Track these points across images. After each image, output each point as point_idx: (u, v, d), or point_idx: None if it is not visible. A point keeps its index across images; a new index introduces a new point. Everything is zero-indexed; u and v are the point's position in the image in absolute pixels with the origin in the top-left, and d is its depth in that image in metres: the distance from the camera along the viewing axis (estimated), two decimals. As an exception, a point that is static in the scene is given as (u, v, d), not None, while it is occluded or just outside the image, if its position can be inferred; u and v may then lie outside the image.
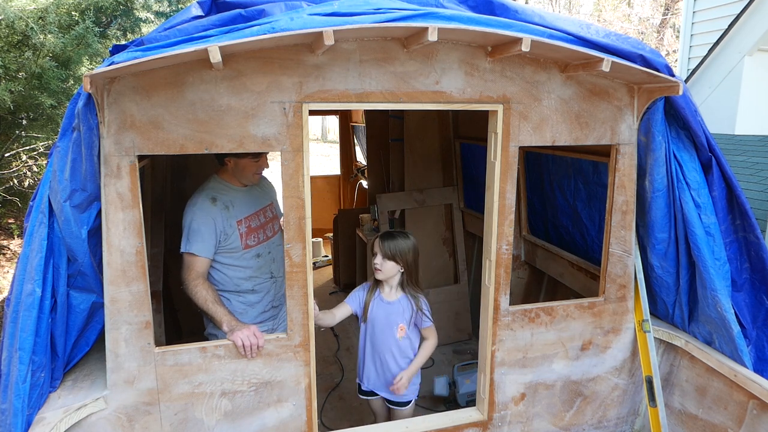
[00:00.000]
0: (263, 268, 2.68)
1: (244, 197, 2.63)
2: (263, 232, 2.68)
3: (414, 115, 4.58)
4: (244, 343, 2.19)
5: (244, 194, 2.63)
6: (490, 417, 2.64)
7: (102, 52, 5.80)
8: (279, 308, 2.83)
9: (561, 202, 3.62)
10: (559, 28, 2.22)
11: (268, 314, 2.76)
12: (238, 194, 2.61)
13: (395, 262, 2.64)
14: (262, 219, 2.69)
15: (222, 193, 2.55)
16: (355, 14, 1.94)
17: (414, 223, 4.68)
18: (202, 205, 2.49)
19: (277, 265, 2.73)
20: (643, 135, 2.52)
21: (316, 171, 9.81)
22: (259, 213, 2.68)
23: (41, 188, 2.03)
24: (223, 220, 2.50)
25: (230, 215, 2.53)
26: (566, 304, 2.65)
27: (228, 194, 2.57)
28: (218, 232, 2.49)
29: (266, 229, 2.70)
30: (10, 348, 1.96)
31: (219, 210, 2.49)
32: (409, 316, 2.69)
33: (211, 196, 2.52)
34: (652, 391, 2.65)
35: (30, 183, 6.57)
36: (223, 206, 2.52)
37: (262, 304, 2.72)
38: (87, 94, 1.82)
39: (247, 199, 2.64)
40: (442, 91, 2.23)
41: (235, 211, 2.56)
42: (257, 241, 2.64)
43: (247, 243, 2.59)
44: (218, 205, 2.50)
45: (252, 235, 2.62)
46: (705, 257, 2.46)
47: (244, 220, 2.59)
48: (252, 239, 2.62)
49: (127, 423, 2.16)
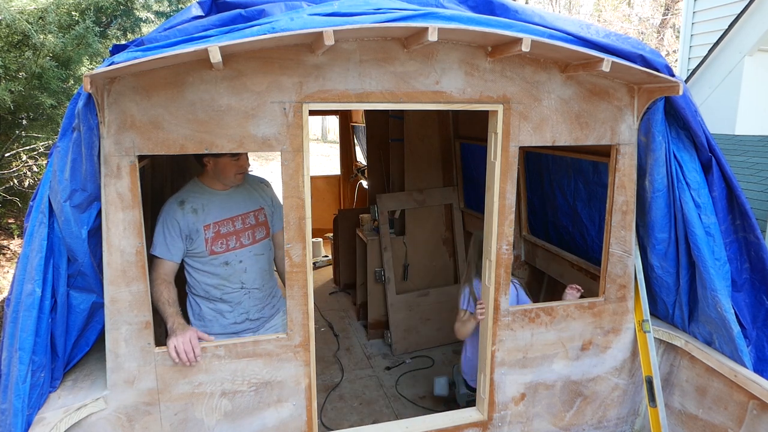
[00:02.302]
0: (232, 277, 2.54)
1: (221, 201, 2.53)
2: (236, 239, 2.54)
3: (414, 115, 4.58)
4: (178, 351, 2.14)
5: (221, 198, 2.53)
6: (490, 417, 2.64)
7: (102, 52, 5.80)
8: (258, 322, 2.68)
9: (561, 202, 3.62)
10: (559, 28, 2.23)
11: (242, 326, 2.63)
12: (214, 198, 2.52)
13: None
14: (238, 225, 2.55)
15: (193, 196, 2.50)
16: (355, 14, 1.94)
17: (414, 223, 4.68)
18: (169, 208, 2.47)
19: (251, 276, 2.58)
20: (643, 135, 2.52)
21: (316, 171, 9.81)
22: (235, 219, 2.55)
23: (41, 188, 2.03)
24: (189, 224, 2.45)
25: (197, 219, 2.46)
26: (566, 304, 2.65)
27: (200, 198, 2.50)
28: (183, 235, 2.45)
29: (241, 237, 2.55)
30: (10, 348, 1.96)
31: (185, 213, 2.45)
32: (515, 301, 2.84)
33: (180, 200, 2.48)
34: (652, 391, 2.65)
35: (30, 183, 6.57)
36: (191, 209, 2.46)
37: (234, 314, 2.59)
38: (87, 94, 1.82)
39: (224, 204, 2.53)
40: (442, 91, 2.23)
41: (204, 215, 2.48)
42: (225, 248, 2.51)
43: (212, 249, 2.49)
44: (186, 208, 2.46)
45: (220, 242, 2.50)
46: (705, 257, 2.46)
47: (213, 225, 2.49)
48: (219, 245, 2.50)
49: (127, 423, 2.16)
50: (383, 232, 4.58)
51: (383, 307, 4.69)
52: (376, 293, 4.69)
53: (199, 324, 2.60)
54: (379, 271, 4.62)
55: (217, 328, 2.58)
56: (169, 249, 2.43)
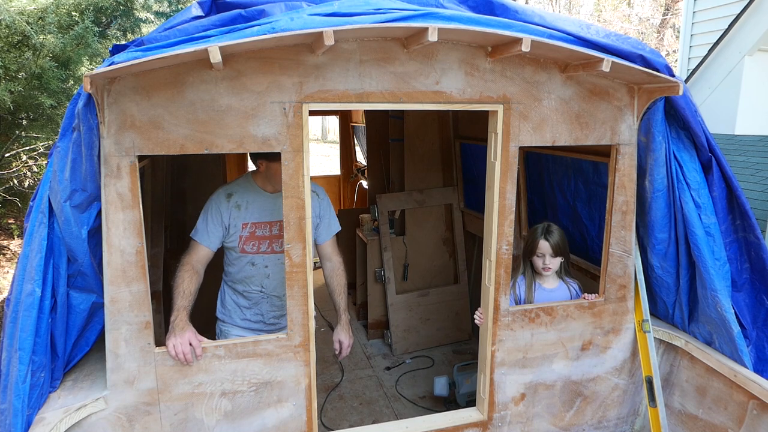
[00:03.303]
0: (254, 278, 2.61)
1: (265, 203, 2.56)
2: (268, 244, 2.58)
3: (414, 115, 4.58)
4: (176, 351, 2.14)
5: (266, 200, 2.56)
6: (490, 417, 2.64)
7: (102, 53, 5.79)
8: (274, 327, 2.72)
9: (561, 202, 3.62)
10: (559, 28, 2.23)
11: (256, 325, 2.69)
12: (260, 198, 2.56)
13: (560, 256, 2.81)
14: (275, 231, 2.58)
15: (241, 192, 2.55)
16: (355, 14, 1.94)
17: (414, 223, 4.68)
18: (217, 198, 2.54)
19: (273, 282, 2.61)
20: (643, 135, 2.52)
21: (316, 171, 9.81)
22: (273, 224, 2.58)
23: (41, 188, 2.03)
24: (231, 217, 2.51)
25: (239, 215, 2.52)
26: (566, 304, 2.65)
27: (247, 195, 2.55)
28: (224, 226, 2.51)
29: (273, 243, 2.59)
30: (9, 348, 1.95)
31: (230, 206, 2.51)
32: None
33: (228, 192, 2.55)
34: (652, 392, 2.65)
35: (30, 183, 6.57)
36: (236, 204, 2.52)
37: (251, 312, 2.67)
38: (87, 94, 1.82)
39: (268, 206, 2.56)
40: (442, 91, 2.23)
41: (246, 213, 2.53)
42: (255, 249, 2.57)
43: (243, 247, 2.55)
44: (231, 201, 2.52)
45: (252, 242, 2.56)
46: (705, 257, 2.46)
47: (251, 224, 2.54)
48: (251, 246, 2.56)
49: (127, 423, 2.16)
50: (383, 232, 4.59)
51: (383, 307, 4.69)
52: (376, 293, 4.69)
53: (221, 309, 2.72)
54: (379, 271, 4.62)
55: (235, 319, 2.69)
56: (208, 235, 2.49)
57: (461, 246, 4.80)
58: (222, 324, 2.74)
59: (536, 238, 2.79)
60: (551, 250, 2.75)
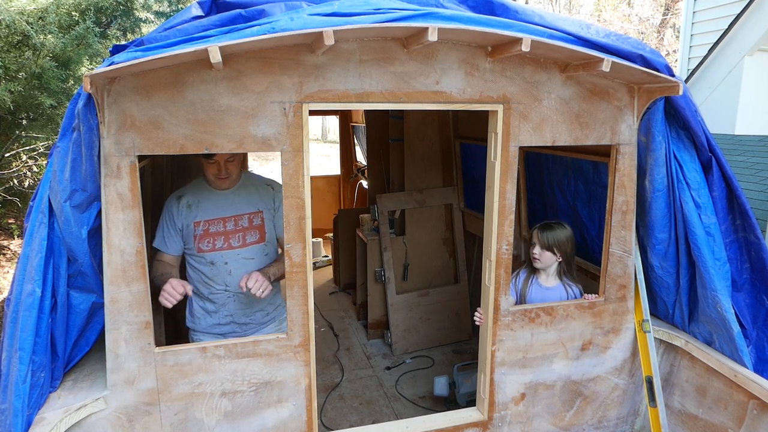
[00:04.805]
0: (216, 278, 2.55)
1: (217, 200, 2.53)
2: (223, 240, 2.53)
3: (414, 115, 4.58)
4: (167, 292, 2.23)
5: (217, 197, 2.54)
6: (490, 417, 2.64)
7: (102, 52, 5.79)
8: (247, 327, 2.67)
9: (561, 202, 3.62)
10: (559, 28, 2.23)
11: (226, 328, 2.63)
12: (211, 196, 2.53)
13: (552, 252, 2.80)
14: (229, 226, 2.53)
15: (191, 192, 2.54)
16: (355, 14, 1.94)
17: (414, 223, 4.68)
18: (169, 202, 2.55)
19: (236, 279, 2.50)
20: (643, 135, 2.52)
21: (316, 171, 9.81)
22: (227, 219, 2.53)
23: (41, 188, 2.03)
24: (183, 218, 2.50)
25: (190, 214, 2.50)
26: (566, 304, 2.65)
27: (198, 194, 2.53)
28: (178, 229, 2.51)
29: (230, 238, 2.53)
30: (10, 348, 1.96)
31: (180, 207, 2.51)
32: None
33: (179, 195, 2.55)
34: (652, 391, 2.65)
35: (30, 183, 6.57)
36: (186, 204, 2.51)
37: (219, 315, 2.61)
38: (87, 94, 1.82)
39: (219, 203, 2.53)
40: (442, 91, 2.23)
41: (197, 212, 2.50)
42: (211, 247, 2.51)
43: (199, 246, 2.51)
44: (182, 202, 2.51)
45: (207, 240, 2.51)
46: (705, 257, 2.46)
47: (204, 222, 2.50)
48: (206, 244, 2.51)
49: (127, 423, 2.16)
50: (383, 232, 4.59)
51: (383, 307, 4.69)
52: (376, 293, 4.70)
53: (190, 318, 2.68)
54: (379, 271, 4.62)
55: (204, 326, 2.64)
56: (165, 242, 2.52)
57: (461, 246, 4.80)
58: (193, 333, 2.69)
59: (535, 228, 2.86)
60: (539, 243, 2.81)
